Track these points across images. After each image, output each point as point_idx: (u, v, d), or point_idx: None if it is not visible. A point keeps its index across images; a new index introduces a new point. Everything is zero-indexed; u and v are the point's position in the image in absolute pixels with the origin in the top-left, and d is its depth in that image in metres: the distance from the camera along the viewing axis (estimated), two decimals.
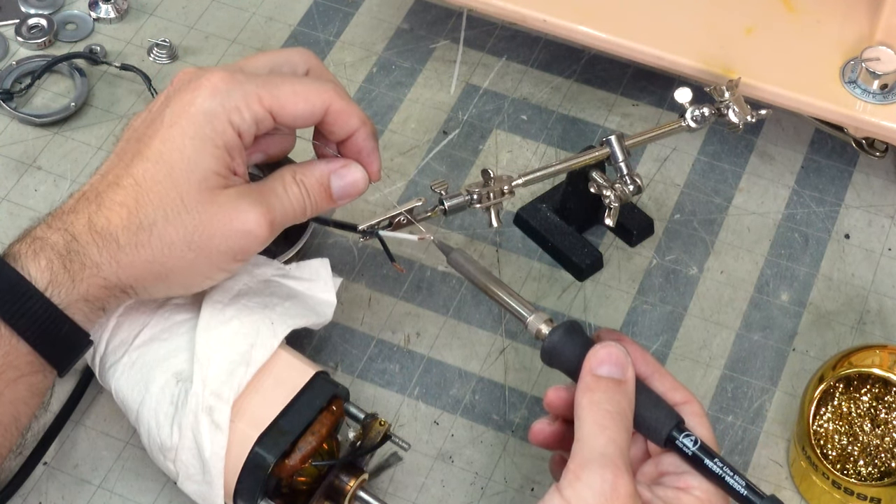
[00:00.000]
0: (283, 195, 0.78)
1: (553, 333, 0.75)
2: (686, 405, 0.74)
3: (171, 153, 0.75)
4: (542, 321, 0.76)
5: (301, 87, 0.78)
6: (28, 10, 1.08)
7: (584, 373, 0.72)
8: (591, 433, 0.70)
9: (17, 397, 0.74)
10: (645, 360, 0.75)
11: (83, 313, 0.75)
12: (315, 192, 0.79)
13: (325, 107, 0.78)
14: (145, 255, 0.75)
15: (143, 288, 0.77)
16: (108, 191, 0.76)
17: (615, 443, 0.69)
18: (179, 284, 0.78)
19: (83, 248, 0.75)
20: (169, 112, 0.76)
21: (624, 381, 0.72)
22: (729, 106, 0.90)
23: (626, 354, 0.73)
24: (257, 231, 0.76)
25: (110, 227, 0.75)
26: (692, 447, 0.72)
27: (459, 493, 0.85)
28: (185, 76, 0.78)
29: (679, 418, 0.73)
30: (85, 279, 0.75)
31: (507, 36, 1.08)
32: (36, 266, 0.74)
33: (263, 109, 0.76)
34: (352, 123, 0.79)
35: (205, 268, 0.77)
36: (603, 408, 0.70)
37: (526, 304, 0.77)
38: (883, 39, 0.93)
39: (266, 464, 0.77)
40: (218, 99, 0.76)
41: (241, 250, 0.77)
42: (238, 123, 0.76)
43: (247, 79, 0.77)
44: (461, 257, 0.81)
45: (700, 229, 0.97)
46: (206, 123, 0.75)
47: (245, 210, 0.76)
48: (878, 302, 0.94)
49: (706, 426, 0.73)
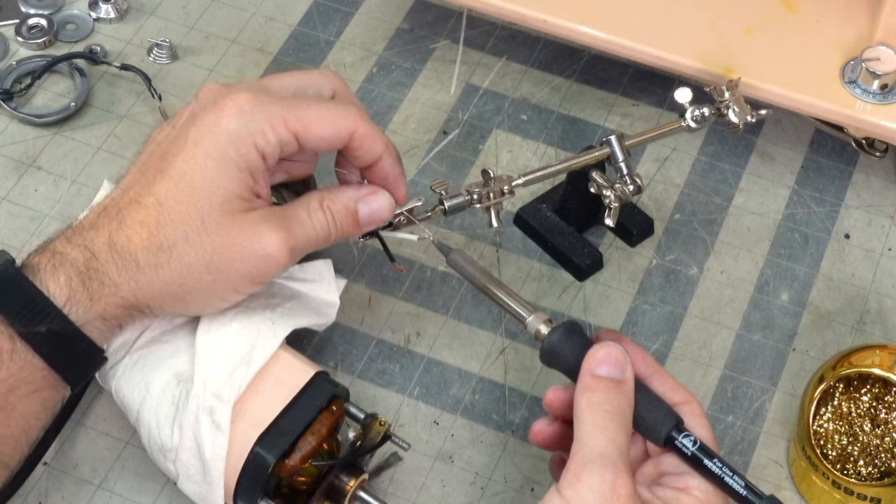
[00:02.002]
0: (306, 221, 0.78)
1: (552, 334, 0.75)
2: (685, 405, 0.74)
3: (193, 174, 0.75)
4: (542, 321, 0.76)
5: (327, 112, 0.77)
6: (28, 10, 1.08)
7: (583, 373, 0.72)
8: (590, 433, 0.70)
9: (29, 412, 0.74)
10: (644, 361, 0.75)
11: (99, 331, 0.75)
12: (341, 219, 0.79)
13: (350, 132, 0.77)
14: (164, 276, 0.75)
15: (160, 307, 0.77)
16: (129, 208, 0.75)
17: (614, 443, 0.69)
18: (196, 305, 0.78)
19: (102, 267, 0.74)
20: (194, 131, 0.76)
21: (623, 382, 0.72)
22: (729, 106, 0.90)
23: (625, 354, 0.73)
24: (277, 255, 0.76)
25: (130, 247, 0.75)
26: (691, 447, 0.72)
27: (459, 493, 0.85)
28: (211, 94, 0.77)
29: (678, 418, 0.73)
30: (103, 298, 0.74)
31: (507, 36, 1.08)
32: (55, 282, 0.73)
33: (288, 133, 0.76)
34: (376, 149, 0.79)
35: (222, 290, 0.77)
36: (602, 408, 0.70)
37: (525, 305, 0.77)
38: (883, 39, 0.93)
39: (266, 464, 0.77)
40: (243, 120, 0.75)
41: (260, 274, 0.76)
42: (262, 146, 0.75)
43: (272, 101, 0.76)
44: (460, 258, 0.81)
45: (700, 229, 0.97)
46: (230, 145, 0.75)
47: (265, 234, 0.75)
48: (878, 302, 0.94)
49: (706, 426, 0.73)
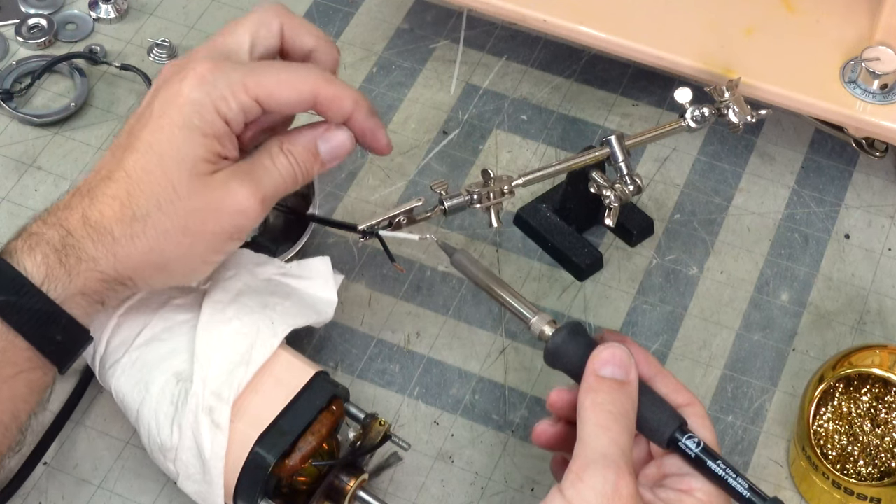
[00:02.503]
0: (271, 168, 0.78)
1: (556, 335, 0.75)
2: (689, 407, 0.74)
3: (160, 143, 0.76)
4: (546, 322, 0.76)
5: (286, 75, 0.78)
6: (28, 10, 1.08)
7: (587, 373, 0.72)
8: (593, 434, 0.70)
9: (15, 394, 0.74)
10: (648, 362, 0.75)
11: (81, 308, 0.75)
12: (304, 160, 0.79)
13: (312, 94, 0.78)
14: (141, 245, 0.75)
15: (143, 279, 0.77)
16: (100, 185, 0.76)
17: (617, 444, 0.69)
18: (179, 272, 0.78)
19: (79, 243, 0.75)
20: (157, 104, 0.77)
21: (627, 383, 0.72)
22: (729, 106, 0.90)
23: (629, 356, 0.72)
24: (249, 209, 0.77)
25: (104, 221, 0.75)
26: (695, 449, 0.71)
27: (459, 493, 0.85)
28: (173, 68, 0.78)
29: (682, 420, 0.72)
30: (81, 273, 0.75)
31: (507, 36, 1.08)
32: (32, 261, 0.74)
33: (249, 98, 0.77)
34: (345, 107, 0.79)
35: (202, 251, 0.77)
36: (606, 409, 0.70)
37: (529, 306, 0.77)
38: (883, 39, 0.93)
39: (266, 464, 0.77)
40: (205, 89, 0.76)
41: (236, 229, 0.77)
42: (225, 112, 0.76)
43: (233, 67, 0.77)
44: (465, 258, 0.81)
45: (700, 229, 0.97)
46: (194, 113, 0.76)
47: (235, 189, 0.76)
48: (878, 302, 0.94)
49: (709, 428, 0.73)
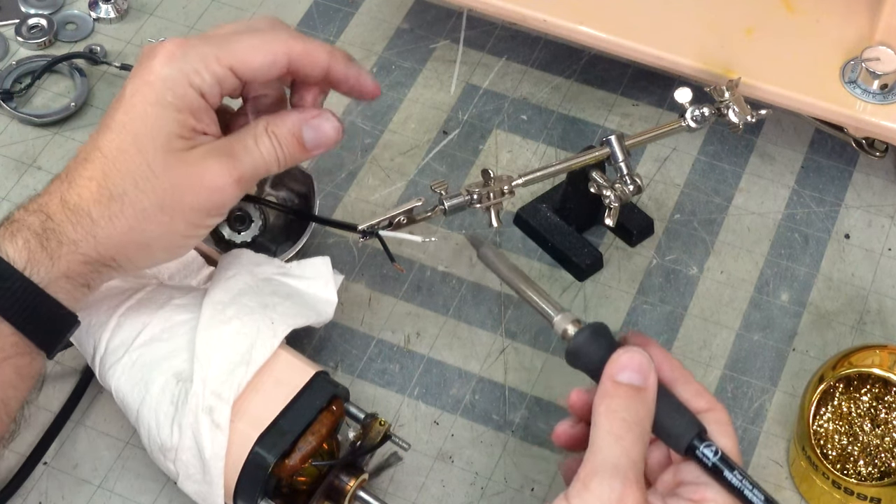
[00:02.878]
0: (253, 148, 0.78)
1: (579, 335, 0.73)
2: (710, 413, 0.72)
3: (133, 122, 0.76)
4: (570, 321, 0.74)
5: (257, 40, 0.78)
6: (28, 10, 1.08)
7: (604, 378, 0.70)
8: (604, 442, 0.68)
9: (3, 380, 0.74)
10: (671, 366, 0.73)
11: (66, 291, 0.75)
12: (287, 144, 0.79)
13: (286, 54, 0.78)
14: (120, 225, 0.75)
15: (126, 259, 0.77)
16: (77, 167, 0.76)
17: (628, 454, 0.68)
18: (161, 250, 0.78)
19: (59, 227, 0.75)
20: (130, 85, 0.77)
21: (644, 389, 0.70)
22: (729, 106, 0.90)
23: (648, 360, 0.71)
24: (224, 185, 0.76)
25: (82, 203, 0.75)
26: (712, 458, 0.70)
27: (459, 493, 0.85)
28: (144, 51, 0.78)
29: (701, 427, 0.71)
30: (63, 256, 0.75)
31: (507, 36, 1.08)
32: (13, 246, 0.74)
33: (222, 68, 0.76)
34: (320, 59, 0.79)
35: (182, 228, 0.77)
36: (619, 416, 0.69)
37: (554, 303, 0.75)
38: (883, 39, 0.93)
39: (266, 464, 0.77)
40: (176, 65, 0.76)
41: (214, 206, 0.77)
42: (199, 85, 0.76)
43: (202, 41, 0.77)
44: (491, 252, 0.79)
45: (700, 229, 0.97)
46: (166, 90, 0.76)
47: (211, 166, 0.76)
48: (878, 302, 0.94)
49: (730, 435, 0.71)
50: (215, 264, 0.87)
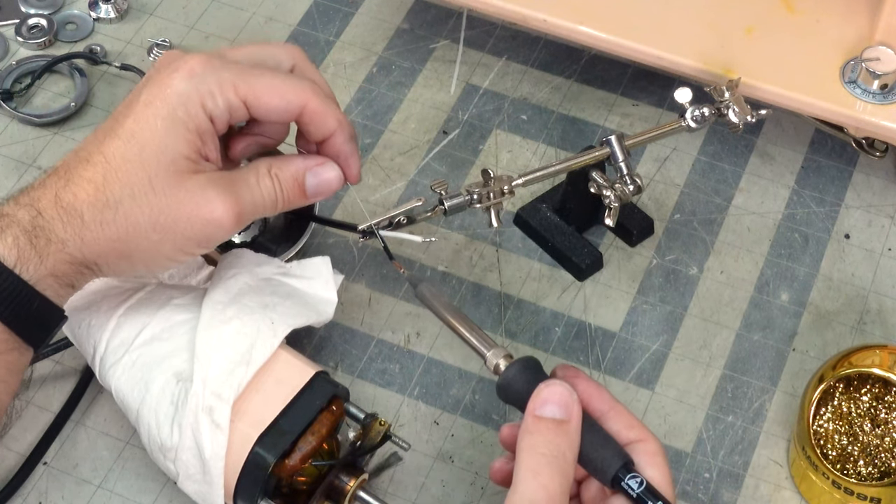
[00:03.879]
0: (254, 187, 0.78)
1: (508, 370, 0.73)
2: (641, 444, 0.71)
3: (142, 132, 0.75)
4: (501, 357, 0.74)
5: (278, 83, 0.77)
6: (28, 10, 1.08)
7: (526, 414, 0.70)
8: (523, 479, 0.68)
9: None
10: (601, 397, 0.73)
11: (53, 289, 0.75)
12: (288, 187, 0.79)
13: (300, 105, 0.78)
14: (109, 233, 0.75)
15: (107, 265, 0.77)
16: (77, 166, 0.76)
17: (546, 488, 0.68)
18: (142, 263, 0.78)
19: (48, 224, 0.75)
20: (146, 92, 0.76)
21: (567, 422, 0.70)
22: (729, 106, 0.90)
23: (570, 393, 0.70)
24: (223, 221, 0.76)
25: (76, 203, 0.75)
26: (637, 489, 0.69)
27: (459, 493, 0.85)
28: (167, 58, 0.78)
29: (627, 458, 0.70)
30: (51, 255, 0.74)
31: (507, 36, 1.08)
32: (3, 243, 0.74)
33: (237, 98, 0.76)
34: (328, 125, 0.79)
35: (168, 250, 0.77)
36: (538, 451, 0.69)
37: (487, 340, 0.76)
38: (883, 39, 0.93)
39: (266, 464, 0.77)
40: (193, 82, 0.75)
41: (206, 238, 0.77)
42: (211, 108, 0.76)
43: (224, 65, 0.77)
44: (427, 291, 0.80)
45: (700, 229, 0.97)
46: (179, 105, 0.75)
47: (212, 199, 0.75)
48: (878, 302, 0.94)
49: (660, 465, 0.71)
50: (215, 264, 0.87)
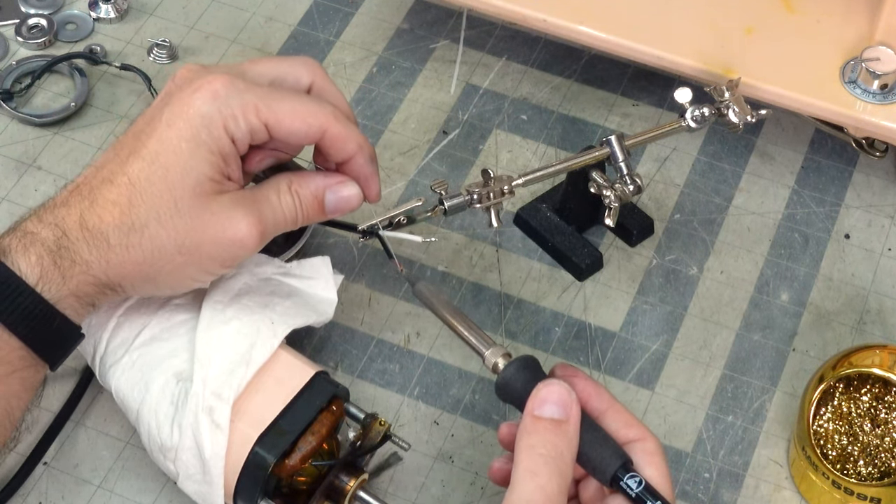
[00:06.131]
0: (276, 204, 0.78)
1: (506, 368, 0.73)
2: (639, 443, 0.71)
3: (166, 155, 0.75)
4: (499, 355, 0.75)
5: (300, 107, 0.78)
6: (28, 10, 1.08)
7: (524, 414, 0.70)
8: (520, 479, 0.68)
9: (9, 392, 0.74)
10: (599, 397, 0.73)
11: (73, 308, 0.75)
12: (308, 205, 0.79)
13: (321, 130, 0.78)
14: (135, 256, 0.75)
15: (132, 286, 0.77)
16: (101, 187, 0.76)
17: (543, 489, 0.68)
18: (167, 285, 0.78)
19: (73, 245, 0.75)
20: (168, 111, 0.76)
21: (565, 422, 0.70)
22: (729, 106, 0.90)
23: (569, 392, 0.70)
24: (247, 241, 0.76)
25: (102, 226, 0.75)
26: (636, 488, 0.69)
27: (459, 493, 0.85)
28: (188, 75, 0.78)
29: (626, 458, 0.70)
30: (75, 276, 0.75)
31: (507, 36, 1.08)
32: (26, 262, 0.74)
33: (259, 121, 0.76)
34: (348, 149, 0.79)
35: (193, 271, 0.77)
36: (536, 452, 0.69)
37: (485, 339, 0.76)
38: (883, 39, 0.93)
39: (266, 464, 0.77)
40: (217, 104, 0.76)
41: (231, 258, 0.77)
42: (233, 131, 0.76)
43: (248, 88, 0.77)
44: (425, 289, 0.80)
45: (700, 229, 0.97)
46: (202, 127, 0.75)
47: (238, 219, 0.76)
48: (878, 302, 0.94)
49: (659, 465, 0.71)
50: None
